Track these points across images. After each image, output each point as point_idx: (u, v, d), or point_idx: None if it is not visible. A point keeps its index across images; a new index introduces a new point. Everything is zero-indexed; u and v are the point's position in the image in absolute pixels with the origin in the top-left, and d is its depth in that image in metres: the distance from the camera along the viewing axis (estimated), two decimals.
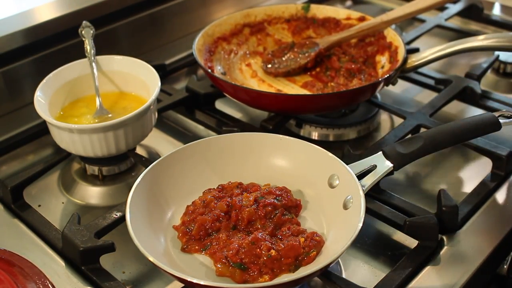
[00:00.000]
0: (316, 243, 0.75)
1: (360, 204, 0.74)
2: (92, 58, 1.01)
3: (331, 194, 0.81)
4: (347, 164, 0.81)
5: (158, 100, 1.10)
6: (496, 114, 0.85)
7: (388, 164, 0.81)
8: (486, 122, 0.84)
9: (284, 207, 0.81)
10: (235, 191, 0.83)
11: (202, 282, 0.67)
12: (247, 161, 0.88)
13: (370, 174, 0.80)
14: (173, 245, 0.79)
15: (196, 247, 0.78)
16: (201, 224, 0.78)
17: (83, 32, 1.04)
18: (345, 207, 0.79)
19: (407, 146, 0.82)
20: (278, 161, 0.88)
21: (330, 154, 0.83)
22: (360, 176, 0.80)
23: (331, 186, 0.82)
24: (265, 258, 0.73)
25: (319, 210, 0.83)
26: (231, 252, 0.73)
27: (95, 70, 1.00)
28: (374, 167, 0.81)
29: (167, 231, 0.81)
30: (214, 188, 0.85)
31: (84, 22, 1.04)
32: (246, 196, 0.81)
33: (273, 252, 0.73)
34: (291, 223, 0.79)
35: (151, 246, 0.74)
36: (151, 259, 0.69)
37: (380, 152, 0.82)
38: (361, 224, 0.71)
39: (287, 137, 0.88)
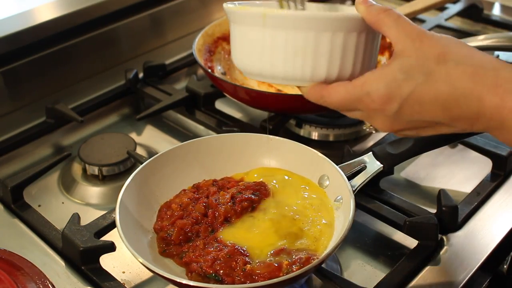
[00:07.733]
0: (302, 263, 0.70)
1: (349, 205, 0.74)
2: None
3: None
4: (339, 164, 0.81)
5: (158, 100, 1.10)
6: None
7: (378, 165, 0.81)
8: None
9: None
10: (211, 189, 0.82)
11: (190, 282, 0.67)
12: (238, 162, 0.88)
13: (360, 174, 0.81)
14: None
15: (174, 253, 0.76)
16: (181, 228, 0.77)
17: None
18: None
19: (397, 146, 0.82)
20: (269, 162, 0.87)
21: (320, 154, 0.82)
22: (351, 176, 0.80)
23: (322, 186, 0.82)
24: (241, 273, 0.70)
25: None
26: (206, 263, 0.71)
27: None
28: (365, 167, 0.81)
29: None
30: (187, 190, 0.84)
31: None
32: (222, 194, 0.80)
33: (248, 266, 0.70)
34: None
35: (140, 246, 0.74)
36: (140, 260, 0.68)
37: (370, 153, 0.82)
38: (350, 224, 0.70)
39: (277, 137, 0.87)
